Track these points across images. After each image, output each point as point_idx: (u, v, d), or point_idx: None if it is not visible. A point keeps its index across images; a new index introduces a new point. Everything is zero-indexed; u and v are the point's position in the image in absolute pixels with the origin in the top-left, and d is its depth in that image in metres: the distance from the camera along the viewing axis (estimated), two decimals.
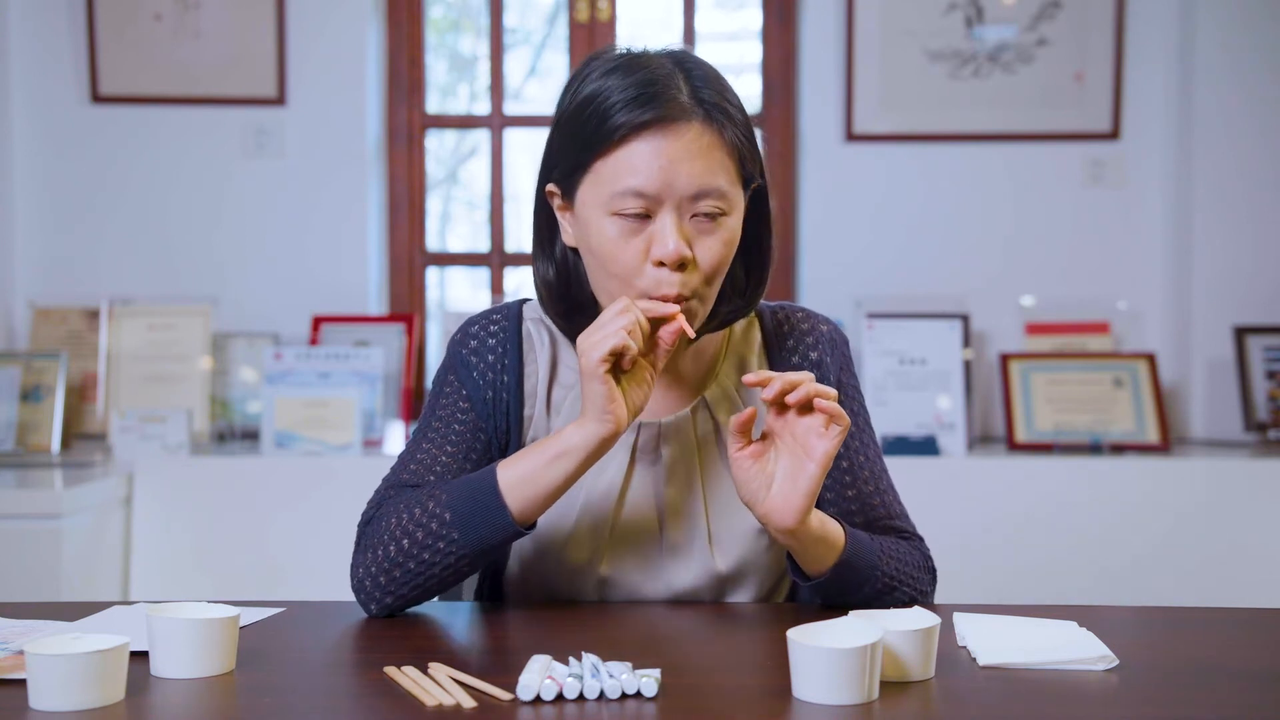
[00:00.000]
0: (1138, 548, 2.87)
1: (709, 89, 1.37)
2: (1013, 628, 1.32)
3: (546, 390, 1.48)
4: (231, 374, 3.30)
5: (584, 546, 1.44)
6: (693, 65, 1.40)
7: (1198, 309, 3.29)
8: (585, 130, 1.36)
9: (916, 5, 3.36)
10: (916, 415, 3.11)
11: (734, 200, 1.38)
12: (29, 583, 2.55)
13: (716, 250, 1.36)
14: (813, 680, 1.08)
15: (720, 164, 1.36)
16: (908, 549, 1.47)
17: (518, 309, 1.52)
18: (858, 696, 1.08)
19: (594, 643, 1.24)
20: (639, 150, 1.34)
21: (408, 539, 1.36)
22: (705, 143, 1.35)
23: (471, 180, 3.84)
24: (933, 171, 3.39)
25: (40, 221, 3.38)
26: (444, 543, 1.35)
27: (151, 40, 3.34)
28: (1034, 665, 1.20)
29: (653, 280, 1.34)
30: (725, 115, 1.37)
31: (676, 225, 1.34)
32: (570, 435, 1.33)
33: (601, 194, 1.36)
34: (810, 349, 1.52)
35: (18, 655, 1.20)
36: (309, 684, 1.17)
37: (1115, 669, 1.19)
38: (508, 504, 1.34)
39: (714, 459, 1.47)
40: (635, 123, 1.33)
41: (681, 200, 1.34)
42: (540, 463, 1.34)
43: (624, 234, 1.35)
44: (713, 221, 1.36)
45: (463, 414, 1.47)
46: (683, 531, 1.45)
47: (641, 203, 1.34)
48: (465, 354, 1.49)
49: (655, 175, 1.33)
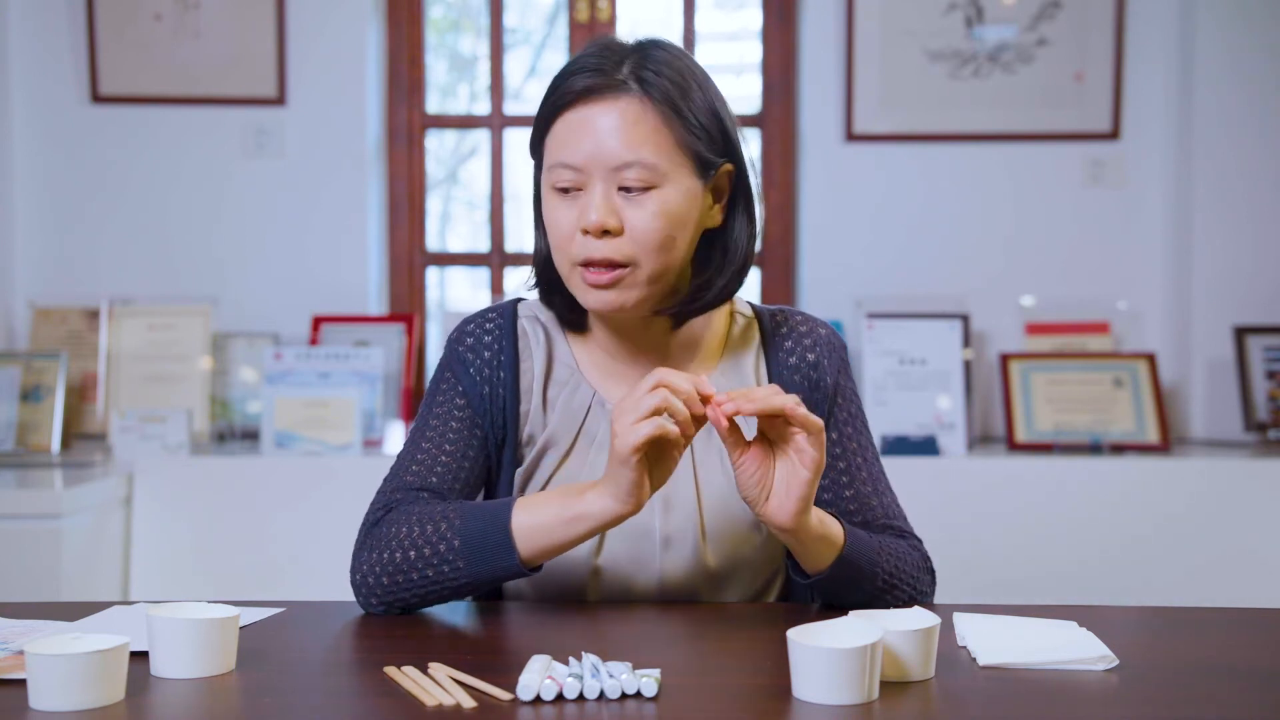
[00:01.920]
0: (1138, 548, 2.87)
1: (657, 69, 1.39)
2: (1013, 628, 1.32)
3: (543, 386, 1.50)
4: (231, 374, 3.30)
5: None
6: (655, 48, 1.42)
7: (1198, 309, 3.29)
8: (544, 106, 1.43)
9: (916, 5, 3.36)
10: (916, 415, 3.11)
11: (669, 174, 1.39)
12: (29, 583, 2.55)
13: (648, 221, 1.38)
14: (813, 680, 1.08)
15: (647, 136, 1.38)
16: (906, 549, 1.47)
17: (513, 307, 1.54)
18: (858, 696, 1.08)
19: (594, 643, 1.24)
20: (570, 123, 1.39)
21: (414, 551, 1.37)
22: (633, 115, 1.38)
23: (471, 180, 3.84)
24: (933, 171, 3.39)
25: (40, 221, 3.38)
26: (448, 567, 1.35)
27: (151, 40, 3.34)
28: (1034, 665, 1.20)
29: (581, 247, 1.39)
30: (665, 93, 1.38)
31: (603, 195, 1.38)
32: (591, 502, 1.32)
33: (547, 169, 1.42)
34: (808, 350, 1.53)
35: (18, 655, 1.20)
36: (309, 684, 1.17)
37: (1115, 669, 1.19)
38: (517, 547, 1.34)
39: (708, 454, 1.48)
40: (571, 92, 1.39)
41: (607, 171, 1.38)
42: (556, 519, 1.33)
43: (561, 205, 1.41)
44: (642, 194, 1.38)
45: (459, 410, 1.49)
46: (676, 525, 1.46)
47: (571, 174, 1.39)
48: (462, 351, 1.51)
49: (581, 146, 1.38)
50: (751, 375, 1.52)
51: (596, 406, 1.49)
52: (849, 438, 1.52)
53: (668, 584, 1.46)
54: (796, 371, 1.52)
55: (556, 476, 1.47)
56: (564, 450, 1.48)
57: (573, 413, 1.49)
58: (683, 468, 1.46)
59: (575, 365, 1.51)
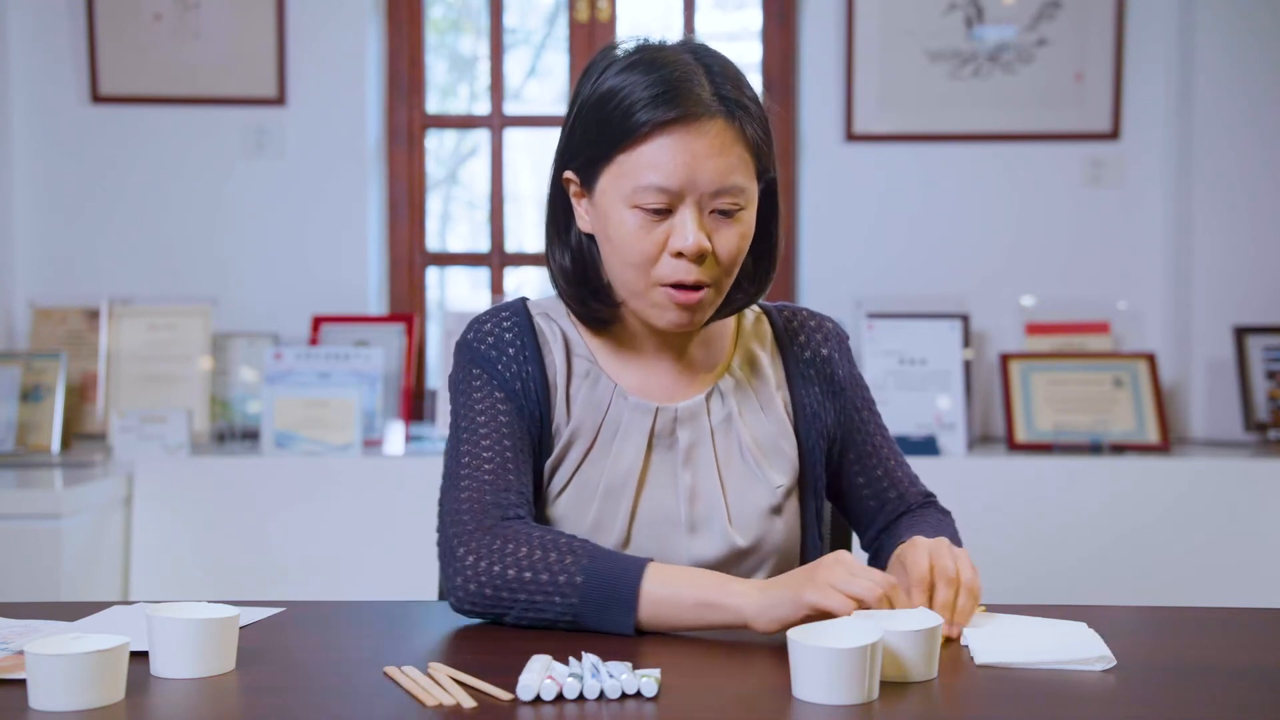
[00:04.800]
0: (1138, 548, 2.87)
1: (729, 85, 1.41)
2: (1017, 627, 1.32)
3: (565, 381, 1.50)
4: (231, 374, 3.30)
5: (609, 530, 1.46)
6: (711, 60, 1.44)
7: (1198, 309, 3.29)
8: (608, 124, 1.40)
9: (916, 5, 3.35)
10: (916, 415, 3.11)
11: (750, 195, 1.42)
12: (29, 583, 2.55)
13: (733, 243, 1.41)
14: (813, 680, 1.08)
15: (739, 160, 1.40)
16: (945, 521, 1.60)
17: (523, 305, 1.54)
18: (857, 696, 1.08)
19: (594, 643, 1.24)
20: (662, 147, 1.38)
21: (531, 574, 1.34)
22: (726, 140, 1.39)
23: (471, 180, 3.84)
24: (933, 171, 3.39)
25: (40, 221, 3.38)
26: (560, 599, 1.33)
27: (151, 40, 3.34)
28: (1030, 665, 1.20)
29: (670, 269, 1.40)
30: (745, 111, 1.41)
31: (697, 219, 1.39)
32: (734, 597, 1.29)
33: (623, 187, 1.39)
34: (821, 345, 1.59)
35: (18, 655, 1.19)
36: (309, 684, 1.17)
37: (1113, 669, 1.19)
38: (639, 613, 1.32)
39: (729, 444, 1.51)
40: (659, 120, 1.37)
41: (702, 196, 1.39)
42: (690, 600, 1.30)
43: (644, 225, 1.39)
44: (731, 217, 1.41)
45: (503, 403, 1.47)
46: (702, 512, 1.48)
47: (663, 198, 1.38)
48: (485, 349, 1.49)
49: (677, 172, 1.37)
50: (770, 371, 1.55)
51: (618, 398, 1.50)
52: (866, 420, 1.60)
53: (698, 565, 1.47)
54: (811, 366, 1.57)
55: (583, 468, 1.48)
56: (589, 442, 1.49)
57: (595, 405, 1.49)
58: (706, 458, 1.49)
59: (593, 359, 1.52)
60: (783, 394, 1.55)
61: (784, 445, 1.52)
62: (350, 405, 2.98)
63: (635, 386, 1.51)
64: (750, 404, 1.53)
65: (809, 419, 1.55)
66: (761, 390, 1.54)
